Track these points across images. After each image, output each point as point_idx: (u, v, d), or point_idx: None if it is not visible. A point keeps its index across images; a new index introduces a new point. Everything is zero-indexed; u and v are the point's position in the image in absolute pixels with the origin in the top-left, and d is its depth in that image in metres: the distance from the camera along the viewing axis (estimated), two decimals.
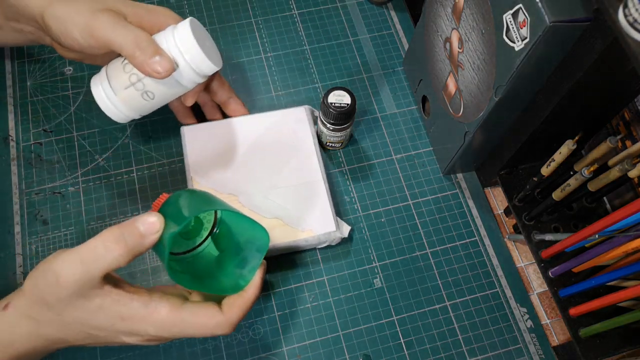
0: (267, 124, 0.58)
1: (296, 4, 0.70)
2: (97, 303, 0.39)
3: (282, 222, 0.53)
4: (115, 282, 0.40)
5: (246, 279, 0.43)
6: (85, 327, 0.40)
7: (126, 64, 0.47)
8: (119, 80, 0.48)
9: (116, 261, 0.38)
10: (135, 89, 0.48)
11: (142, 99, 0.48)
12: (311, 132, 0.58)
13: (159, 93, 0.48)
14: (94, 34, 0.45)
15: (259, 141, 0.57)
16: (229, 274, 0.45)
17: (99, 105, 0.49)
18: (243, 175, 0.55)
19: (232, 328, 0.42)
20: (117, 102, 0.48)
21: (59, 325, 0.39)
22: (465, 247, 0.58)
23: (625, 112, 0.53)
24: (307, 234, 0.53)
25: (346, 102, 0.54)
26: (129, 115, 0.50)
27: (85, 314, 0.39)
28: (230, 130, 0.57)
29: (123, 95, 0.48)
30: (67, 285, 0.37)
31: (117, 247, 0.38)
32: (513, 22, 0.41)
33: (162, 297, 0.41)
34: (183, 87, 0.49)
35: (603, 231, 0.44)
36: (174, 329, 0.40)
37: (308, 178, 0.55)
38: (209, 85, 0.55)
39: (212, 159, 0.55)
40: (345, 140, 0.60)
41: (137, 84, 0.47)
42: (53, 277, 0.37)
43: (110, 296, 0.39)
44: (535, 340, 0.54)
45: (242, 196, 0.54)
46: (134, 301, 0.39)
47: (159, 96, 0.49)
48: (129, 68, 0.47)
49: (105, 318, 0.39)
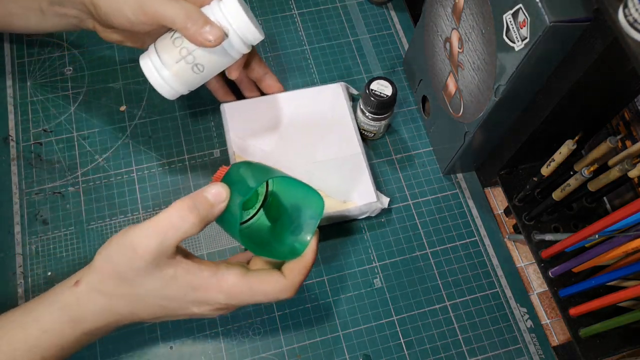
0: (304, 100, 0.60)
1: (296, 4, 0.70)
2: (170, 273, 0.40)
3: (324, 194, 0.54)
4: (185, 254, 0.41)
5: (303, 244, 0.45)
6: (157, 298, 0.41)
7: (176, 38, 0.48)
8: (170, 55, 0.49)
9: (190, 229, 0.39)
10: (186, 62, 0.49)
11: (193, 72, 0.50)
12: (348, 108, 0.60)
13: (209, 64, 0.50)
14: (146, 9, 0.46)
15: (297, 117, 0.59)
16: (284, 242, 0.46)
17: (150, 81, 0.50)
18: (283, 149, 0.57)
19: (295, 291, 0.43)
20: (169, 77, 0.50)
21: (132, 298, 0.40)
22: (465, 247, 0.58)
23: (625, 112, 0.53)
24: (348, 205, 0.55)
25: (386, 93, 0.55)
26: (178, 90, 0.51)
27: (159, 284, 0.40)
28: (269, 106, 0.59)
29: (175, 69, 0.49)
30: (144, 255, 0.38)
31: (191, 215, 0.39)
32: (513, 22, 0.41)
33: (228, 266, 0.42)
34: (230, 58, 0.50)
35: (603, 231, 0.44)
36: (243, 295, 0.41)
37: (347, 151, 0.57)
38: (247, 61, 0.57)
39: (253, 134, 0.57)
40: (379, 131, 0.60)
41: (187, 57, 0.49)
42: (130, 249, 0.38)
43: (182, 266, 0.40)
44: (535, 340, 0.54)
45: (284, 170, 0.55)
46: (204, 271, 0.40)
47: (208, 68, 0.50)
48: (179, 42, 0.48)
49: (177, 288, 0.40)
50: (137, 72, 0.63)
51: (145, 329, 0.51)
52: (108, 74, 0.63)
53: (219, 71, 0.52)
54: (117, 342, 0.50)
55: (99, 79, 0.62)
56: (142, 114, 0.61)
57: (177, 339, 0.51)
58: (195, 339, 0.51)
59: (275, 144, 0.57)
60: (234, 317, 0.52)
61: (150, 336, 0.51)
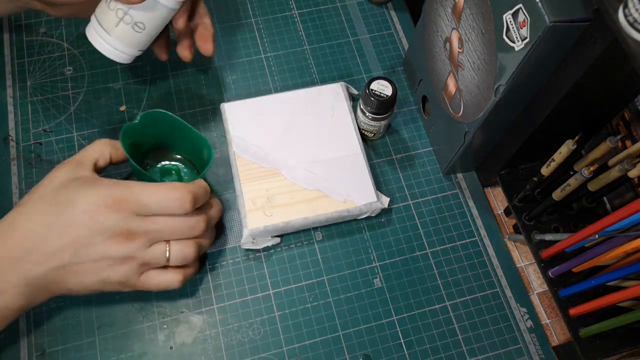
0: (304, 99, 0.60)
1: (296, 4, 0.70)
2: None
3: (324, 194, 0.55)
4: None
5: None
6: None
7: (110, 1, 0.48)
8: (108, 19, 0.48)
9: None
10: (125, 23, 0.48)
11: (135, 32, 0.49)
12: (348, 107, 0.60)
13: (148, 21, 0.49)
14: None
15: (297, 116, 0.59)
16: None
17: (99, 50, 0.50)
18: (284, 149, 0.57)
19: (188, 195, 0.45)
20: (114, 42, 0.49)
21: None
22: (465, 247, 0.58)
23: (625, 112, 0.53)
24: (348, 204, 0.55)
25: (386, 93, 0.56)
26: (128, 52, 0.50)
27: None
28: (269, 106, 0.60)
29: (116, 33, 0.49)
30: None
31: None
32: (513, 22, 0.41)
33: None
34: (167, 9, 0.49)
35: (603, 231, 0.44)
36: (135, 187, 0.45)
37: (347, 151, 0.58)
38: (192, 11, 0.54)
39: (253, 134, 0.58)
40: (379, 131, 0.60)
41: (124, 18, 0.48)
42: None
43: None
44: (535, 340, 0.54)
45: (284, 169, 0.56)
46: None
47: (149, 24, 0.49)
48: (113, 5, 0.48)
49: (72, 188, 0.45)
50: (137, 72, 0.63)
51: (145, 329, 0.51)
52: (108, 74, 0.63)
53: (162, 25, 0.50)
54: (117, 342, 0.50)
55: (99, 79, 0.62)
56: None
57: (177, 339, 0.51)
58: (195, 338, 0.51)
59: (275, 143, 0.57)
60: (234, 317, 0.52)
61: (150, 336, 0.51)
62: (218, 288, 0.53)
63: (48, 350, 0.49)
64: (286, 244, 0.56)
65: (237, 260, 0.55)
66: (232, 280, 0.54)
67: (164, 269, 0.47)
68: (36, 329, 0.50)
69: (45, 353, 0.49)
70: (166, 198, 0.45)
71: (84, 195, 0.44)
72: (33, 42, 0.63)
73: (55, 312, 0.51)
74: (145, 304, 0.52)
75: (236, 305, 0.53)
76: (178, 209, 0.45)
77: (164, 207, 0.45)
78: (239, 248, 0.55)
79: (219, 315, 0.52)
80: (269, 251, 0.55)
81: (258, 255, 0.55)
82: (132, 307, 0.52)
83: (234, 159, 0.56)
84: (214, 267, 0.54)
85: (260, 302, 0.53)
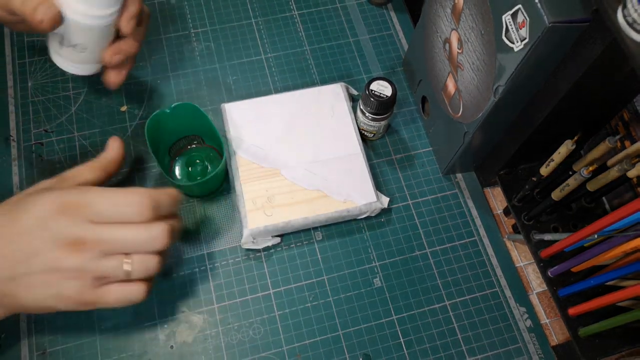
0: (304, 100, 0.60)
1: (296, 5, 0.70)
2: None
3: (324, 194, 0.55)
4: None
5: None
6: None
7: None
8: (53, 43, 0.48)
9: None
10: (67, 46, 0.47)
11: (79, 52, 0.47)
12: (347, 108, 0.60)
13: (85, 41, 0.46)
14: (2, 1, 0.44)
15: (297, 116, 0.59)
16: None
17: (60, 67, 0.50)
18: (283, 149, 0.57)
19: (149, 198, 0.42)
20: (65, 61, 0.49)
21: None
22: (464, 247, 0.58)
23: (624, 113, 0.53)
24: (348, 204, 0.55)
25: (386, 94, 0.56)
26: (86, 69, 0.50)
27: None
28: (269, 106, 0.60)
29: (64, 54, 0.48)
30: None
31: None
32: (512, 23, 0.41)
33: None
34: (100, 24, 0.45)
35: (602, 231, 0.44)
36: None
37: (347, 151, 0.58)
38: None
39: (253, 134, 0.58)
40: (379, 132, 0.60)
41: (63, 41, 0.47)
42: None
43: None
44: (535, 339, 0.54)
45: (284, 169, 0.56)
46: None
47: (89, 44, 0.47)
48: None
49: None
50: (138, 72, 0.63)
51: (145, 328, 0.51)
52: None
53: (106, 41, 0.48)
54: (117, 342, 0.50)
55: (100, 79, 0.62)
56: (143, 114, 0.61)
57: (178, 338, 0.51)
58: (196, 338, 0.51)
59: (275, 144, 0.58)
60: (234, 316, 0.52)
61: (151, 335, 0.51)
62: (218, 287, 0.53)
63: (49, 349, 0.49)
64: (286, 244, 0.56)
65: (238, 260, 0.55)
66: (232, 279, 0.54)
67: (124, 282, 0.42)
68: (37, 328, 0.50)
69: (46, 352, 0.49)
70: (122, 202, 0.41)
71: (39, 201, 0.40)
72: (34, 42, 0.64)
73: None
74: (146, 303, 0.52)
75: (236, 305, 0.53)
76: (135, 214, 0.41)
77: (119, 212, 0.41)
78: (239, 248, 0.55)
79: (220, 314, 0.52)
80: (269, 251, 0.56)
81: (258, 255, 0.55)
82: (132, 306, 0.52)
83: (234, 159, 0.56)
84: (215, 266, 0.54)
85: (261, 301, 0.53)
